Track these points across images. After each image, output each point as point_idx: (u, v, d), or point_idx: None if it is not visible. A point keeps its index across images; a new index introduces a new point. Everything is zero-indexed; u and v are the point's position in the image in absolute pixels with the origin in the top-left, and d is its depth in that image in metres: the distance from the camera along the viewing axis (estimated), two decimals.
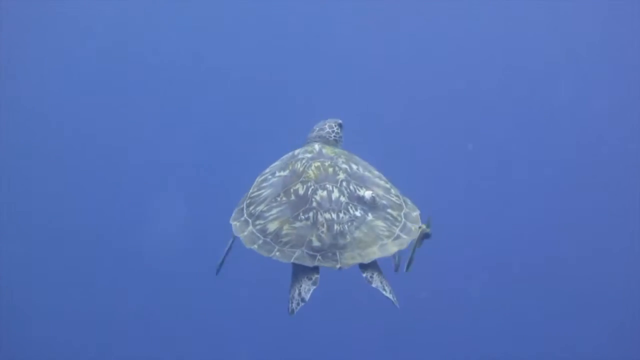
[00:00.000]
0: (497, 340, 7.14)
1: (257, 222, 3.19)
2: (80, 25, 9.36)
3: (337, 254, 2.99)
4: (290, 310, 2.93)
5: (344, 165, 3.32)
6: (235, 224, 3.28)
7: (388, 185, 3.41)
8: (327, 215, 3.07)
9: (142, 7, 9.51)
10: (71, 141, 8.73)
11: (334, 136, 3.78)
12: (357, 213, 3.12)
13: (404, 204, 3.33)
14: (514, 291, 7.48)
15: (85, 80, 9.10)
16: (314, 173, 3.25)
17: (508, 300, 7.47)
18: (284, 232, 3.09)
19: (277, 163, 3.57)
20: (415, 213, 3.30)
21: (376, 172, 3.48)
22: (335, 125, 3.81)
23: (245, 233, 3.18)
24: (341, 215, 3.08)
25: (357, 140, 3.97)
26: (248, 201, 3.37)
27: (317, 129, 3.83)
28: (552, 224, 7.99)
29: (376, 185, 3.32)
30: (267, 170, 3.55)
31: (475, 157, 8.57)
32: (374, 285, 3.01)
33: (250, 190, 3.46)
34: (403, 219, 3.22)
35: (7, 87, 8.85)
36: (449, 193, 8.06)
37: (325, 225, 3.05)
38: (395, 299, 3.02)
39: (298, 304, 2.93)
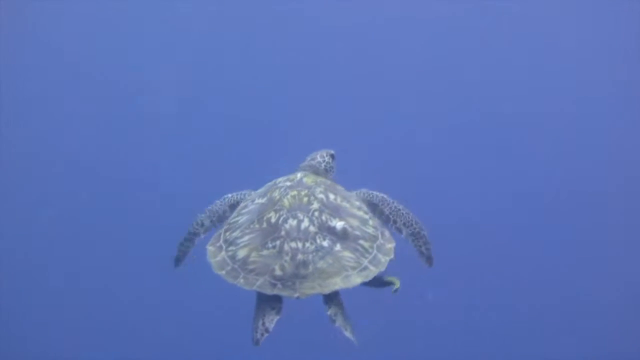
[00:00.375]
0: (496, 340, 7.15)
1: (230, 248, 3.28)
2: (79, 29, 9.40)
3: (297, 283, 3.02)
4: (254, 340, 2.96)
5: (320, 195, 3.35)
6: (210, 248, 3.37)
7: (367, 217, 3.42)
8: (293, 244, 3.11)
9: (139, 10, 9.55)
10: (71, 141, 8.74)
11: (325, 166, 3.79)
12: (325, 243, 3.14)
13: (379, 235, 3.33)
14: (513, 291, 7.50)
15: (84, 81, 9.13)
16: (288, 202, 3.30)
17: (508, 300, 7.48)
18: (251, 259, 3.15)
19: (260, 190, 3.64)
20: (390, 245, 3.30)
21: (356, 203, 3.49)
22: (327, 156, 3.82)
23: (217, 259, 3.26)
24: (307, 244, 3.11)
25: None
26: (227, 227, 3.45)
27: (309, 158, 3.85)
28: (552, 223, 8.01)
29: (352, 216, 3.33)
30: (250, 197, 3.63)
31: (475, 157, 8.58)
32: (336, 325, 3.02)
33: (232, 216, 3.54)
34: (375, 251, 3.22)
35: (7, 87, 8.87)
36: (449, 193, 8.09)
37: (289, 255, 3.09)
38: (354, 338, 3.00)
39: (262, 334, 2.97)
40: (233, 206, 3.71)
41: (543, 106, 8.96)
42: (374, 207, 3.60)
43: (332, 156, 3.84)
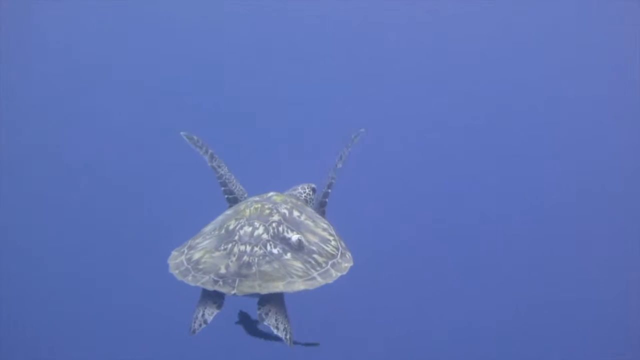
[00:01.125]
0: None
1: (190, 252, 3.50)
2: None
3: (237, 281, 3.15)
4: (191, 329, 3.14)
5: (284, 211, 3.51)
6: (174, 253, 3.62)
7: (330, 237, 3.56)
8: (242, 248, 3.29)
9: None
10: (70, 141, 8.75)
11: (305, 196, 4.00)
12: (275, 250, 3.29)
13: (339, 255, 3.46)
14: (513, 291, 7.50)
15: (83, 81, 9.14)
16: (249, 212, 3.50)
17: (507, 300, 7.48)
18: (202, 260, 3.36)
19: (235, 206, 3.85)
20: (347, 264, 3.45)
21: (323, 225, 3.63)
22: (308, 188, 4.05)
23: (176, 261, 3.50)
24: (255, 249, 3.28)
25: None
26: (196, 235, 3.70)
27: (291, 189, 4.07)
28: (551, 223, 8.00)
29: (312, 233, 3.48)
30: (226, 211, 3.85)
31: (475, 157, 8.58)
32: (266, 323, 3.11)
33: (203, 227, 3.79)
34: (327, 266, 3.34)
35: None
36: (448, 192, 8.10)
37: (236, 256, 3.26)
38: (288, 337, 3.09)
39: (200, 325, 3.15)
40: (235, 200, 3.97)
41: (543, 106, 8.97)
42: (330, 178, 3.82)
43: (314, 190, 4.04)
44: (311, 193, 4.03)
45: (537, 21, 9.37)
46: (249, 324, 3.59)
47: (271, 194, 3.77)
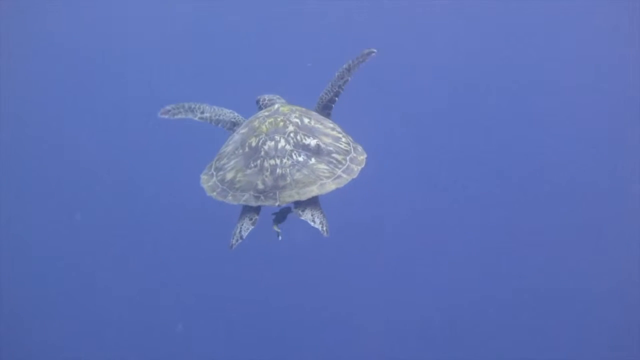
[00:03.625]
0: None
1: (219, 173, 3.70)
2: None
3: (277, 193, 3.42)
4: (230, 245, 3.38)
5: (296, 120, 3.73)
6: (203, 177, 3.78)
7: (340, 135, 3.81)
8: (272, 162, 3.50)
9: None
10: (71, 141, 8.75)
11: (284, 101, 4.25)
12: (300, 158, 3.54)
13: (352, 150, 3.74)
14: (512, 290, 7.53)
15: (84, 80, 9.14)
16: (266, 127, 3.69)
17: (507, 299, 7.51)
18: (237, 179, 3.56)
19: (244, 123, 4.04)
20: (362, 157, 3.72)
21: (330, 124, 3.88)
22: (281, 97, 4.30)
23: (209, 184, 3.68)
24: (284, 160, 3.51)
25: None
26: (217, 157, 3.87)
27: (275, 98, 4.26)
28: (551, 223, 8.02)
29: (325, 135, 3.73)
30: (236, 129, 4.05)
31: (473, 156, 8.59)
32: (302, 217, 3.41)
33: (222, 146, 3.94)
34: (347, 162, 3.63)
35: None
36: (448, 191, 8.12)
37: (269, 170, 3.48)
38: (325, 228, 3.37)
39: (237, 240, 3.38)
40: (234, 124, 4.16)
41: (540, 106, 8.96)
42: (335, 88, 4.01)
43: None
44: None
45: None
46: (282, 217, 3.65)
47: (276, 106, 3.94)
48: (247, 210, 3.53)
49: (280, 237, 3.46)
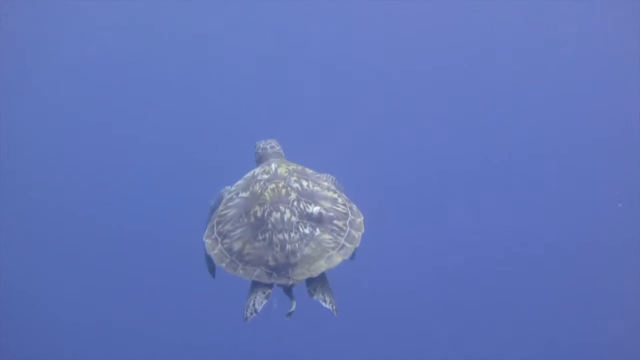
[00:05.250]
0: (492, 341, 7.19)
1: (225, 240, 3.68)
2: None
3: (290, 271, 3.49)
4: (245, 317, 3.44)
5: (296, 185, 3.76)
6: (207, 241, 3.74)
7: (335, 195, 3.83)
8: (281, 236, 3.54)
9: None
10: (72, 141, 8.77)
11: (278, 149, 4.28)
12: (306, 230, 3.58)
13: (349, 212, 3.77)
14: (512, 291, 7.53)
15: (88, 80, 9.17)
16: (269, 195, 3.70)
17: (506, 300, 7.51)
18: (245, 251, 3.58)
19: (240, 182, 4.00)
20: (359, 219, 3.76)
21: (325, 184, 3.91)
22: (276, 144, 4.30)
23: (215, 251, 3.66)
24: (292, 234, 3.55)
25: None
26: (217, 219, 3.82)
27: (268, 147, 4.26)
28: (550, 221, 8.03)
29: (324, 199, 3.77)
30: (233, 189, 4.00)
31: (473, 155, 8.60)
32: (315, 297, 3.50)
33: (220, 209, 3.89)
34: (348, 228, 3.68)
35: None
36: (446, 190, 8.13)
37: (279, 246, 3.52)
38: (334, 307, 3.47)
39: (252, 314, 3.44)
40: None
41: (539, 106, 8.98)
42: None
43: (277, 142, 4.32)
44: (280, 146, 4.32)
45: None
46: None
47: (273, 166, 3.91)
48: (260, 284, 3.52)
49: (290, 317, 3.48)
